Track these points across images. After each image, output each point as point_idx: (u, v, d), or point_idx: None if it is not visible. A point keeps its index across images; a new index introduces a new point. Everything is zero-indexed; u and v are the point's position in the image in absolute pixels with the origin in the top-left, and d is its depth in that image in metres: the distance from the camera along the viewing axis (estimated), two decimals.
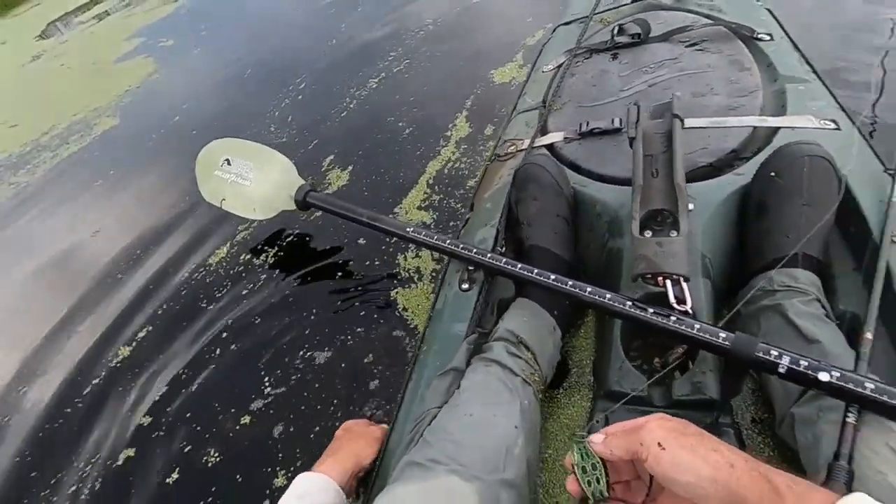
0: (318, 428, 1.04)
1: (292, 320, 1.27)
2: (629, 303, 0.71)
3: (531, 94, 1.26)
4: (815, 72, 1.02)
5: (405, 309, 1.18)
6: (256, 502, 0.95)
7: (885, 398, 0.53)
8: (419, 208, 1.42)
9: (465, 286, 0.88)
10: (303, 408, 1.08)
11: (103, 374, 1.31)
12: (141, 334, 1.38)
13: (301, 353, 1.19)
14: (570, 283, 0.76)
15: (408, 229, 0.99)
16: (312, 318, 1.26)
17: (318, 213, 1.50)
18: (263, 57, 2.84)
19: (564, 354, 0.90)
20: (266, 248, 1.51)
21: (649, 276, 0.71)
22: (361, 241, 1.39)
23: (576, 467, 0.42)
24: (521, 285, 0.90)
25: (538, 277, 0.79)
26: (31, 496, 1.10)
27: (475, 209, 1.02)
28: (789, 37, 1.13)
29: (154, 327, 1.40)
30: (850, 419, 0.55)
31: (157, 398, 1.21)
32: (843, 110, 0.92)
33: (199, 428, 1.12)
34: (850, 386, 0.55)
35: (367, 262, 1.33)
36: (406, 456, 0.62)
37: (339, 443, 0.78)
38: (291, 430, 1.05)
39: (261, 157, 1.39)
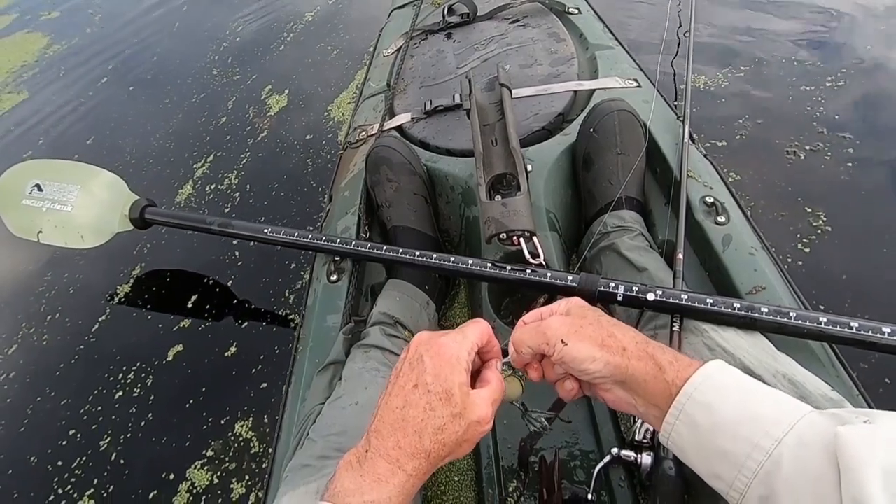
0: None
1: (147, 356, 1.14)
2: (489, 265, 0.75)
3: (375, 79, 1.26)
4: (616, 39, 1.16)
5: (281, 314, 1.13)
6: None
7: (695, 304, 0.64)
8: (348, 103, 1.67)
9: (334, 277, 0.86)
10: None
11: None
12: None
13: (164, 394, 1.08)
14: (435, 256, 0.78)
15: (265, 231, 0.93)
16: (176, 349, 1.15)
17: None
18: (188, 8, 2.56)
19: (442, 326, 0.93)
20: (117, 275, 1.33)
21: (503, 236, 0.76)
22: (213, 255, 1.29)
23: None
24: (390, 267, 0.90)
25: (403, 256, 0.80)
26: None
27: (334, 199, 1.00)
28: (594, 9, 1.26)
29: None
30: (675, 328, 0.65)
31: None
32: (642, 70, 1.06)
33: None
34: (670, 300, 0.64)
35: (226, 274, 1.24)
36: (292, 460, 0.59)
37: (419, 402, 0.39)
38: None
39: (81, 178, 1.20)
